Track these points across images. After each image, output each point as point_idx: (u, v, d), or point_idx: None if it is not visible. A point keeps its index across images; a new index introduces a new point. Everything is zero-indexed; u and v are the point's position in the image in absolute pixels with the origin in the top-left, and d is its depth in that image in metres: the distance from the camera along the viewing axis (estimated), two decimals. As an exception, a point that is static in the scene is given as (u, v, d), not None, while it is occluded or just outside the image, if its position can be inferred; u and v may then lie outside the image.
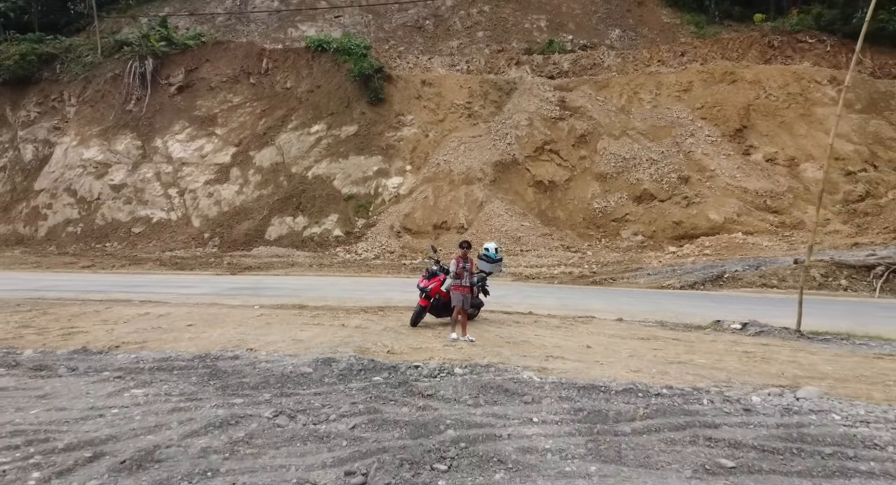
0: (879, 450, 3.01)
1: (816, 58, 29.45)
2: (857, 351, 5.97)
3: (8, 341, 5.99)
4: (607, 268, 17.25)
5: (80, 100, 30.18)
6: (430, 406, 3.70)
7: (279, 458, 2.93)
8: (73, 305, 8.67)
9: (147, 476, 2.72)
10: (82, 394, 4.02)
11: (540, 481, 2.62)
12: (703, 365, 5.13)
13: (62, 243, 24.64)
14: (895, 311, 10.20)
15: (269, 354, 5.28)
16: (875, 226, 20.12)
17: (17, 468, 2.81)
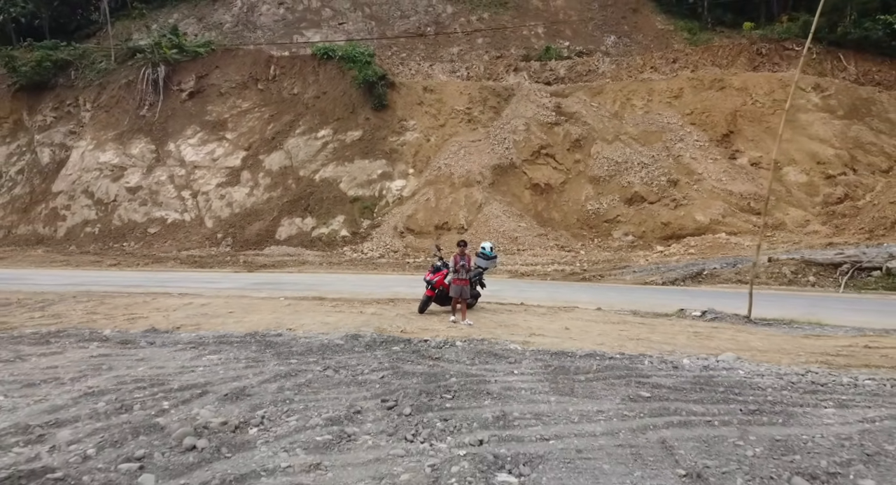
0: (760, 390, 4.21)
1: (803, 65, 30.59)
2: (791, 333, 7.17)
3: (86, 324, 7.19)
4: (597, 266, 18.47)
5: (94, 105, 31.38)
6: (438, 364, 4.91)
7: (332, 394, 4.14)
8: (121, 296, 9.88)
9: (244, 404, 3.92)
10: (170, 358, 5.23)
11: (515, 405, 3.83)
12: (657, 341, 6.33)
13: (81, 243, 25.87)
14: (850, 303, 11.40)
15: (306, 332, 6.50)
16: (851, 227, 21.35)
17: (151, 399, 4.01)
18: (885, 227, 20.58)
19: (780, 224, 22.27)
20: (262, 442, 3.25)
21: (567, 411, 3.69)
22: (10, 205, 29.33)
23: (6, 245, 26.93)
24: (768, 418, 3.58)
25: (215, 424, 3.46)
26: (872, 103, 27.27)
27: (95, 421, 3.57)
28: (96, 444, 3.17)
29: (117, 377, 4.53)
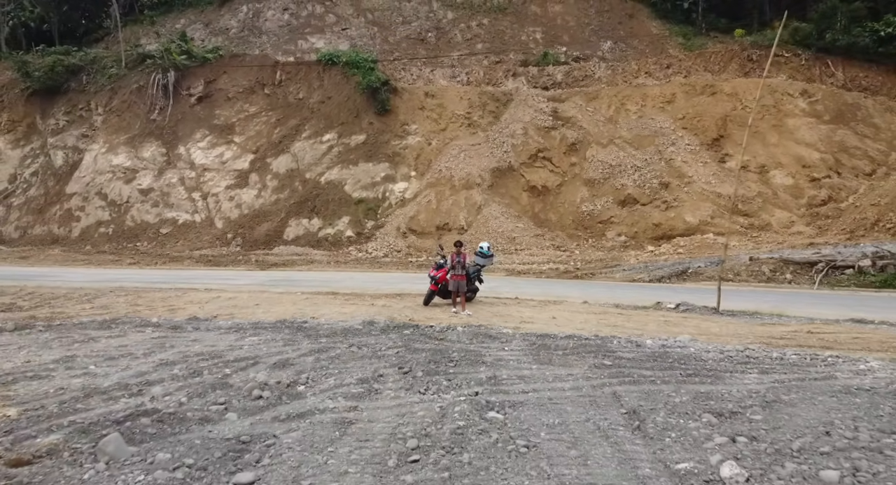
0: (702, 361, 5.23)
1: (792, 71, 31.67)
2: (750, 322, 8.19)
3: (133, 313, 8.21)
4: (590, 265, 19.52)
5: (106, 109, 32.43)
6: (442, 343, 5.94)
7: (358, 364, 5.16)
8: (153, 292, 10.90)
9: (290, 370, 4.94)
10: (218, 339, 6.25)
11: (504, 371, 4.86)
12: (629, 327, 7.35)
13: (95, 243, 26.90)
14: (818, 299, 12.43)
15: (327, 320, 7.52)
16: (834, 228, 22.37)
17: (214, 367, 5.04)
18: (865, 227, 21.59)
19: (766, 225, 23.29)
20: (310, 394, 4.27)
21: (544, 375, 4.71)
22: (26, 206, 30.37)
23: (23, 245, 27.96)
24: (700, 379, 4.59)
25: (272, 383, 4.48)
26: (858, 108, 28.29)
27: (177, 381, 4.60)
28: (186, 395, 4.20)
29: (181, 352, 5.56)
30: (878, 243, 17.62)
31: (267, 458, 3.08)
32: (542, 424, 3.59)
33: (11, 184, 31.94)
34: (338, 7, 41.05)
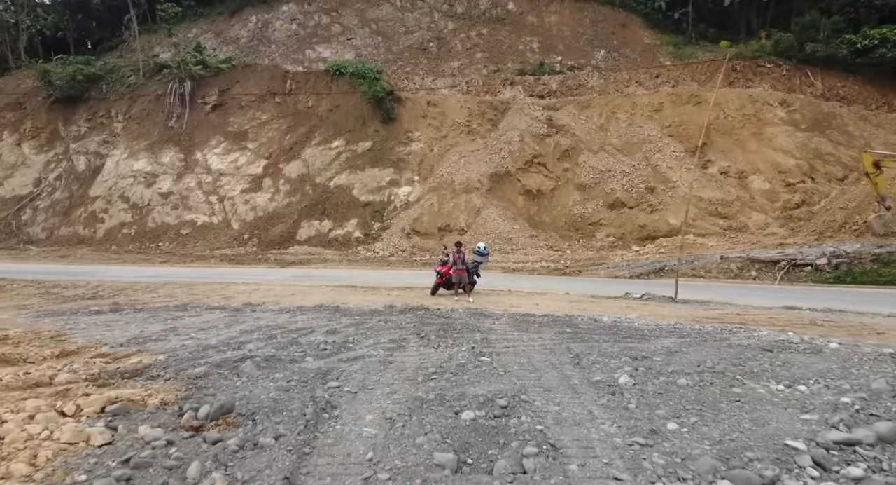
0: (638, 330, 7.10)
1: (773, 81, 33.57)
2: (696, 307, 10.06)
3: (196, 300, 10.10)
4: (579, 263, 21.40)
5: (126, 117, 34.32)
6: (448, 320, 7.82)
7: (388, 332, 7.04)
8: (200, 285, 12.77)
9: (339, 335, 6.81)
10: (276, 317, 8.13)
11: (493, 336, 6.74)
12: (596, 310, 9.22)
13: (119, 243, 28.80)
14: (771, 292, 14.29)
15: (355, 304, 9.40)
16: (805, 229, 24.25)
17: (282, 333, 6.92)
18: (833, 229, 23.46)
19: (743, 227, 25.19)
20: (358, 348, 6.15)
21: (521, 337, 6.59)
22: (52, 208, 32.27)
23: (50, 245, 29.86)
24: (631, 340, 6.45)
25: (329, 341, 6.37)
26: (833, 117, 30.17)
27: (261, 342, 6.48)
28: (272, 348, 6.08)
29: (253, 325, 7.45)
30: (838, 244, 19.51)
31: (343, 377, 4.95)
32: (515, 362, 5.46)
33: (36, 187, 33.83)
34: (343, 18, 42.95)
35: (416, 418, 3.90)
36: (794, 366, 5.14)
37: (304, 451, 3.36)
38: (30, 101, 37.56)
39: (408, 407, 4.12)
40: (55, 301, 9.79)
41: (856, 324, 7.96)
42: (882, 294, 13.51)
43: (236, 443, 3.46)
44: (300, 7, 43.50)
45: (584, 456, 3.33)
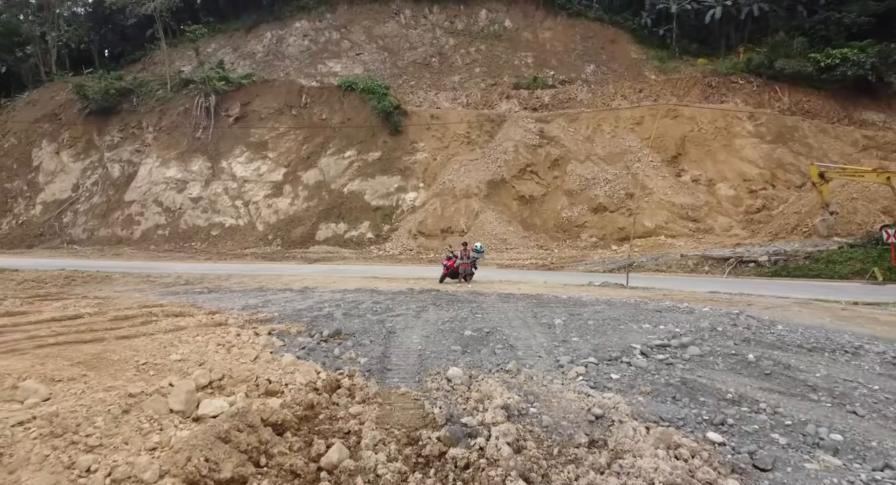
0: (583, 302, 10.46)
1: (745, 95, 36.94)
2: (637, 291, 13.42)
3: (265, 285, 13.47)
4: (563, 260, 24.80)
5: (156, 128, 37.69)
6: (454, 296, 11.21)
7: (413, 303, 10.38)
8: (254, 277, 16.13)
9: (381, 305, 10.17)
10: (332, 296, 11.48)
11: (484, 305, 10.09)
12: (562, 292, 12.58)
13: (155, 243, 32.17)
14: (711, 282, 17.63)
15: (384, 289, 12.79)
16: (763, 231, 27.65)
17: (343, 303, 10.28)
18: (787, 231, 26.86)
19: (710, 229, 28.59)
20: (397, 310, 9.52)
21: (503, 306, 9.96)
22: (91, 211, 35.63)
23: (91, 245, 33.23)
24: (576, 308, 9.79)
25: (376, 307, 9.75)
26: (796, 130, 33.57)
27: (331, 307, 9.85)
28: (342, 312, 9.46)
29: (319, 299, 10.83)
30: (782, 244, 22.94)
31: (393, 322, 8.33)
32: (496, 316, 8.83)
33: (75, 192, 37.20)
34: (352, 34, 46.31)
35: (440, 335, 7.29)
36: (666, 318, 8.54)
37: (387, 346, 6.75)
38: (65, 112, 40.92)
39: (434, 332, 7.51)
40: (160, 287, 13.16)
41: (740, 301, 11.35)
42: (799, 285, 16.92)
43: (351, 343, 6.85)
44: (312, 24, 46.85)
45: (525, 348, 6.72)
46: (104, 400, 4.06)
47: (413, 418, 4.50)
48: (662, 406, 5.00)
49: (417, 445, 3.97)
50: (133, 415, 3.93)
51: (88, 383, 4.73)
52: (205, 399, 4.21)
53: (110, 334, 7.01)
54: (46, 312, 8.64)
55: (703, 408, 5.02)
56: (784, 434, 4.61)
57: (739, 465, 4.13)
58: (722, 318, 8.55)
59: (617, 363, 6.17)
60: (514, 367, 5.79)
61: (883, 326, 9.07)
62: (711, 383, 5.56)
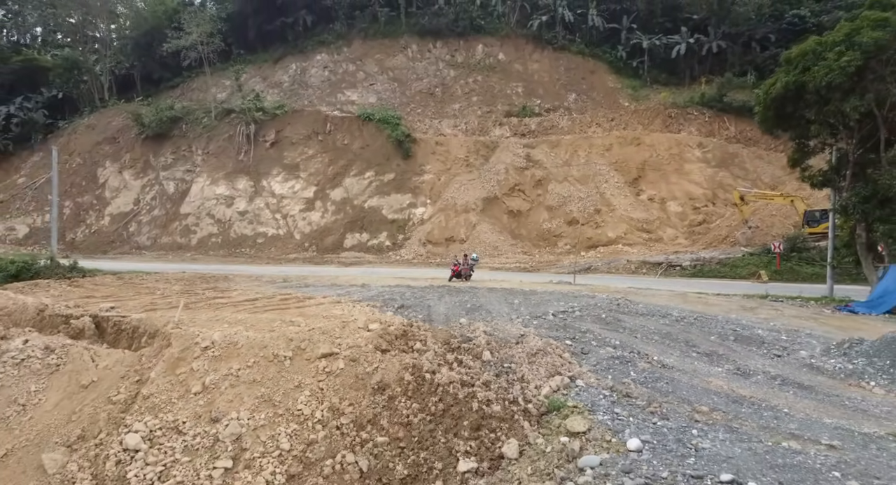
0: (538, 292, 17.62)
1: (699, 125, 44.22)
2: (579, 286, 20.57)
3: (332, 282, 20.53)
4: (541, 264, 31.98)
5: (205, 151, 44.78)
6: (458, 289, 18.37)
7: (434, 294, 17.47)
8: (322, 277, 23.21)
9: (417, 293, 17.28)
10: (383, 289, 18.55)
11: (478, 293, 17.23)
12: (529, 286, 19.70)
13: (210, 249, 39.26)
14: (645, 281, 24.84)
15: (415, 285, 19.91)
16: (701, 241, 34.88)
17: (395, 293, 17.42)
18: (719, 240, 34.10)
19: (659, 239, 35.81)
20: (427, 299, 16.68)
21: (488, 294, 17.04)
22: (152, 222, 42.71)
23: (155, 250, 40.28)
24: (531, 295, 16.85)
25: (415, 294, 16.91)
26: (736, 156, 40.79)
27: (389, 296, 17.02)
28: (401, 298, 16.61)
29: (382, 289, 17.94)
30: (703, 252, 30.16)
31: (426, 302, 15.43)
32: (484, 300, 15.88)
33: (136, 205, 44.26)
34: (366, 66, 53.41)
35: (454, 307, 14.46)
36: (575, 300, 15.73)
37: (428, 311, 13.92)
38: (122, 136, 47.98)
39: (451, 305, 14.65)
40: (269, 284, 20.25)
41: (637, 292, 18.54)
42: (705, 282, 24.06)
43: (410, 311, 14.04)
44: (331, 57, 53.96)
45: (496, 312, 13.88)
46: (329, 325, 11.19)
47: (447, 334, 11.66)
48: (550, 333, 12.18)
49: (449, 344, 11.05)
50: (348, 329, 11.06)
51: (308, 322, 11.83)
52: (369, 324, 11.35)
53: (288, 305, 14.18)
54: (235, 295, 15.81)
55: (567, 333, 12.21)
56: (598, 343, 11.72)
57: (575, 351, 11.28)
58: (606, 300, 15.76)
59: (538, 318, 13.35)
60: (490, 319, 12.97)
61: (705, 305, 16.26)
62: (577, 325, 12.74)
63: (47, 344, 11.82)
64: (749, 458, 6.26)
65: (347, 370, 9.58)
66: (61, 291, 17.85)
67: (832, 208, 19.61)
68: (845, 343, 12.25)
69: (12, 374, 11.05)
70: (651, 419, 7.65)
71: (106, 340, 13.15)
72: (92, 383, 10.63)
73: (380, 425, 8.62)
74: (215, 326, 11.63)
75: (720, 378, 10.46)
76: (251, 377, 9.45)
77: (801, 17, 50.09)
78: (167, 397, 9.29)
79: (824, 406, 9.35)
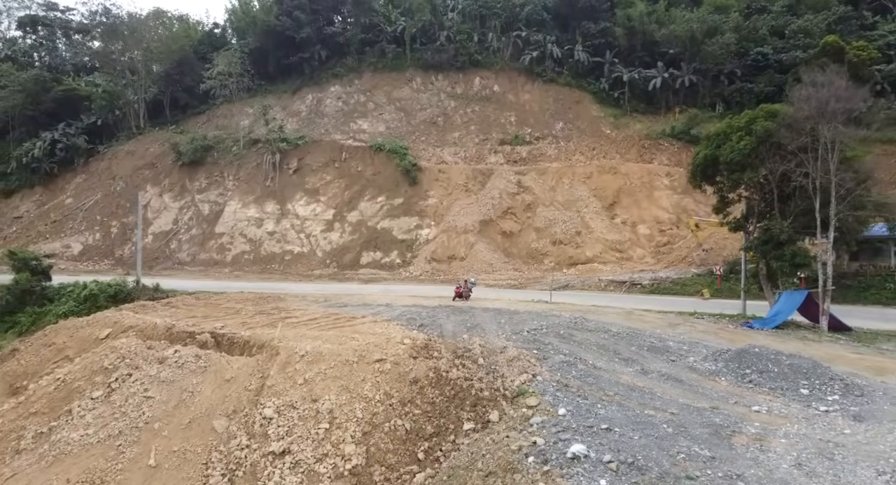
0: (518, 312, 23.79)
1: (669, 155, 50.47)
2: (555, 304, 26.68)
3: (359, 301, 26.67)
4: (529, 280, 38.19)
5: (235, 178, 50.89)
6: (460, 308, 24.53)
7: (443, 314, 23.61)
8: (354, 295, 29.27)
9: (430, 313, 23.42)
10: (404, 309, 24.71)
11: (475, 312, 23.38)
12: (515, 303, 25.81)
13: (244, 265, 45.36)
14: (610, 298, 31.10)
15: (427, 304, 26.03)
16: (664, 260, 41.11)
17: (414, 313, 23.59)
18: (679, 260, 40.33)
19: (630, 258, 42.04)
20: (437, 316, 22.84)
21: (482, 314, 23.12)
22: (191, 240, 48.79)
23: (194, 266, 46.36)
24: (514, 314, 22.96)
25: (427, 314, 23.10)
26: (699, 184, 46.95)
27: (413, 315, 23.20)
28: (423, 315, 22.78)
29: (403, 309, 24.07)
30: (662, 272, 36.41)
31: (438, 321, 21.58)
32: (479, 318, 21.98)
33: (175, 225, 50.33)
34: (375, 97, 59.54)
35: (458, 325, 20.65)
36: (545, 318, 21.94)
37: (441, 328, 20.13)
38: (160, 162, 54.06)
39: (455, 323, 20.84)
40: (314, 303, 26.36)
41: (600, 309, 24.75)
42: (658, 299, 30.31)
43: (426, 328, 20.28)
44: (344, 89, 60.07)
45: (488, 330, 20.00)
46: (377, 340, 17.35)
47: (454, 346, 17.82)
48: (524, 345, 18.39)
49: (456, 353, 17.12)
50: (390, 343, 17.24)
51: (362, 338, 17.98)
52: (404, 339, 17.54)
53: (341, 324, 20.40)
54: (299, 315, 22.00)
55: (535, 345, 18.45)
56: (555, 352, 17.83)
57: (539, 357, 17.44)
58: (567, 319, 21.99)
59: (517, 334, 19.59)
60: (483, 335, 19.18)
61: (640, 322, 22.49)
62: (542, 339, 18.94)
63: (196, 353, 18.20)
64: (622, 418, 12.48)
65: (392, 370, 15.78)
66: (165, 312, 24.00)
67: (742, 248, 25.88)
68: (718, 352, 18.56)
69: (178, 373, 17.45)
70: (576, 399, 13.91)
71: (222, 349, 19.40)
72: (232, 378, 16.96)
73: (415, 403, 14.85)
74: (302, 340, 17.90)
75: (628, 375, 16.71)
76: (333, 374, 15.70)
77: (764, 54, 56.31)
78: (283, 386, 15.55)
79: (685, 392, 15.57)
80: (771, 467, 10.55)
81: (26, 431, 17.04)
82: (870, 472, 10.47)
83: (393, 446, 13.72)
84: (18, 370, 21.42)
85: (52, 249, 47.21)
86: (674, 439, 11.47)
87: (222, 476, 13.96)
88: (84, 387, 18.05)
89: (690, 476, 9.78)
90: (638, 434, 11.57)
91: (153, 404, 16.11)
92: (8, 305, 27.57)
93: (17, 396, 20.39)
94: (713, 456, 10.73)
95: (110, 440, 15.22)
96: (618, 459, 10.10)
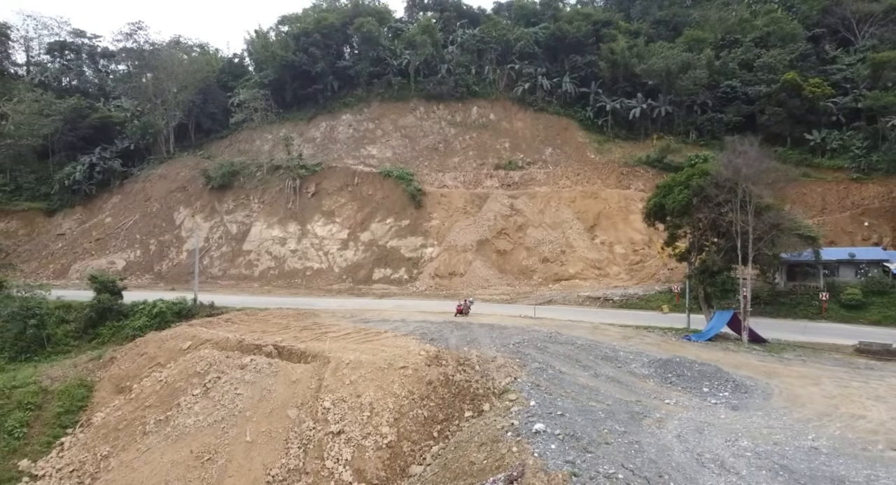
0: (506, 327, 30.16)
1: (644, 181, 56.85)
2: (532, 321, 33.00)
3: (377, 316, 32.98)
4: (519, 295, 44.58)
5: (260, 200, 57.20)
6: (461, 324, 30.91)
7: (447, 329, 29.84)
8: (372, 310, 35.53)
9: (437, 328, 29.75)
10: (416, 323, 31.06)
11: (473, 328, 29.68)
12: (507, 318, 32.10)
13: (269, 280, 51.66)
14: (587, 313, 37.60)
15: (434, 320, 32.35)
16: (636, 277, 47.52)
17: (433, 327, 29.96)
18: (651, 276, 46.76)
19: (607, 275, 48.43)
20: (443, 330, 29.18)
21: (478, 329, 29.41)
22: (221, 257, 55.07)
23: (225, 280, 52.63)
24: (502, 329, 29.22)
25: (434, 328, 29.47)
26: (670, 207, 53.38)
27: (422, 329, 29.57)
28: (437, 327, 29.17)
29: (421, 323, 30.54)
30: (631, 289, 42.86)
31: (444, 335, 27.94)
32: (479, 335, 28.30)
33: (206, 243, 56.59)
34: (383, 125, 65.84)
35: (460, 339, 27.03)
36: (527, 332, 28.33)
37: (446, 341, 26.52)
38: (191, 185, 60.31)
39: (458, 337, 27.22)
40: (342, 318, 32.64)
41: (574, 323, 31.19)
42: (624, 313, 36.74)
43: (436, 341, 26.68)
44: (354, 117, 66.37)
45: (483, 343, 26.35)
46: (401, 352, 23.71)
47: (458, 356, 24.17)
48: (509, 356, 24.77)
49: (459, 361, 23.43)
50: (411, 354, 23.63)
51: (389, 350, 24.32)
52: (420, 351, 23.92)
53: (371, 338, 26.81)
54: (335, 330, 28.41)
55: (517, 355, 24.86)
56: (532, 360, 24.18)
57: (520, 365, 23.79)
58: (544, 333, 28.42)
59: (505, 346, 25.99)
60: (479, 347, 25.56)
61: (602, 335, 28.89)
62: (523, 351, 25.29)
63: (268, 361, 24.63)
64: (573, 408, 18.95)
65: (413, 374, 22.14)
66: (229, 328, 30.28)
67: (686, 275, 32.34)
68: (653, 360, 24.98)
69: (257, 376, 23.84)
70: (543, 395, 20.36)
71: (283, 358, 25.71)
72: (297, 380, 23.36)
73: (430, 398, 21.23)
74: (345, 352, 24.27)
75: (584, 378, 23.11)
76: (371, 377, 22.07)
77: (733, 87, 62.83)
78: (335, 386, 21.93)
79: (621, 390, 21.99)
80: (660, 437, 16.98)
81: (147, 419, 23.41)
82: (720, 440, 16.90)
83: (415, 428, 20.01)
84: (121, 374, 27.74)
85: (98, 266, 53.42)
86: (603, 421, 17.87)
87: (298, 448, 20.31)
88: (184, 386, 24.44)
89: (608, 442, 16.19)
90: (581, 418, 17.98)
91: (243, 399, 22.42)
92: (91, 320, 33.74)
93: (123, 394, 26.82)
94: (625, 431, 17.15)
95: (216, 424, 21.54)
96: (564, 432, 16.48)
